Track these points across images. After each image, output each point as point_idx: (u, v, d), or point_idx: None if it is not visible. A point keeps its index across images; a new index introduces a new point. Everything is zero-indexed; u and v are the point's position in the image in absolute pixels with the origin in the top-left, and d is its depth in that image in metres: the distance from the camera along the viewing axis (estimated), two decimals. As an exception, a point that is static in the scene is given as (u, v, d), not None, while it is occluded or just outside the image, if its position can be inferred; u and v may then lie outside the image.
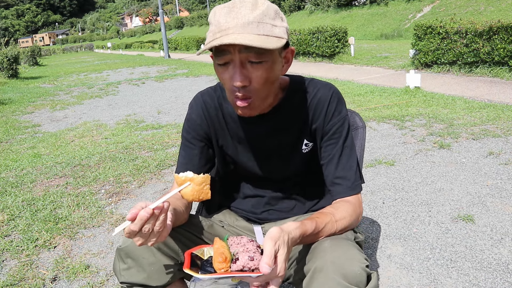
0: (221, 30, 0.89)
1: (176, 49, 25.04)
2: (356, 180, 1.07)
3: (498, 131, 3.71)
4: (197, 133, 1.14)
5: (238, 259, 0.83)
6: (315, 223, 0.94)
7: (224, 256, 0.83)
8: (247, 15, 0.88)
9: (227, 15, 0.89)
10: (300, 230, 0.89)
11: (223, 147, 1.17)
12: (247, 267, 0.82)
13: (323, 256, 0.89)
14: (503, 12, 13.92)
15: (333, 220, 0.98)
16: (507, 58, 6.32)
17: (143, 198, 2.82)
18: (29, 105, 7.60)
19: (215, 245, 0.86)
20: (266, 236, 0.82)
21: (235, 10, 0.89)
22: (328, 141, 1.08)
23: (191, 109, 1.16)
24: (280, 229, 0.84)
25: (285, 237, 0.83)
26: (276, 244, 0.81)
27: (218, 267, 0.82)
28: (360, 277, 0.85)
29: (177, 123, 5.22)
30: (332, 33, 10.48)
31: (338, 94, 1.09)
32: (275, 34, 0.91)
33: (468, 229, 2.11)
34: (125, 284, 1.02)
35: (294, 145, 1.12)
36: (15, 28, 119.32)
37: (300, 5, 28.92)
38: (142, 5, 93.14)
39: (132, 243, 0.99)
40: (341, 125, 1.07)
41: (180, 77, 10.56)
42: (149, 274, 0.99)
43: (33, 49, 22.39)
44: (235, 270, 0.82)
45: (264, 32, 0.89)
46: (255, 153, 1.15)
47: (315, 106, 1.07)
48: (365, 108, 5.13)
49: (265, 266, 0.78)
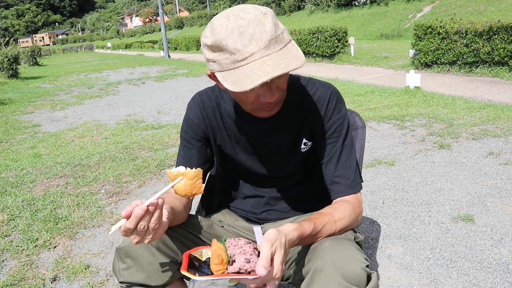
0: (245, 57, 0.84)
1: (176, 49, 25.04)
2: (355, 179, 1.07)
3: (498, 131, 3.71)
4: (195, 133, 1.14)
5: (235, 261, 0.83)
6: (313, 224, 0.93)
7: (220, 258, 0.83)
8: (262, 33, 0.84)
9: (241, 39, 0.84)
10: (298, 231, 0.89)
11: (221, 146, 1.17)
12: (243, 269, 0.82)
13: (323, 256, 0.89)
14: (503, 12, 13.92)
15: (332, 221, 0.98)
16: (507, 58, 6.32)
17: (143, 198, 2.82)
18: (29, 105, 7.60)
19: (212, 247, 0.87)
20: (263, 238, 0.83)
21: (246, 31, 0.84)
22: (328, 140, 1.08)
23: (189, 110, 1.17)
24: (278, 231, 0.84)
25: (282, 239, 0.83)
26: (272, 246, 0.81)
27: (215, 269, 0.83)
28: (360, 277, 0.85)
29: (177, 123, 5.22)
30: (332, 33, 10.48)
31: (337, 93, 1.09)
32: (287, 39, 0.89)
33: (468, 229, 2.11)
34: (125, 284, 1.02)
35: (293, 144, 1.13)
36: (15, 28, 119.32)
37: (300, 5, 28.93)
38: (142, 5, 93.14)
39: (131, 242, 0.99)
40: (340, 123, 1.07)
41: (180, 77, 10.56)
42: (149, 274, 0.99)
43: (33, 49, 22.39)
44: (231, 272, 0.83)
45: (282, 43, 0.87)
46: (253, 152, 1.15)
47: (314, 105, 1.08)
48: (365, 108, 5.13)
49: (261, 268, 0.78)
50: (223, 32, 0.85)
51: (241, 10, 0.87)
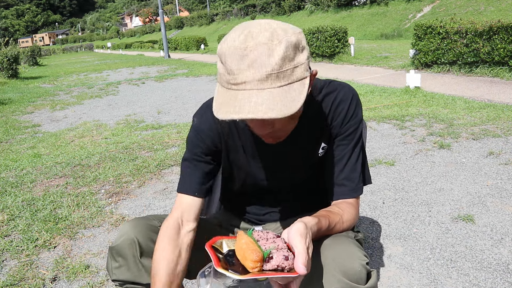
0: (237, 83, 0.78)
1: (176, 49, 25.03)
2: (359, 182, 1.07)
3: (498, 131, 3.71)
4: (206, 146, 1.07)
5: (272, 258, 0.77)
6: (328, 221, 0.94)
7: (259, 254, 0.75)
8: (264, 63, 0.77)
9: (240, 62, 0.78)
10: (317, 226, 0.88)
11: (234, 161, 1.12)
12: (281, 267, 0.76)
13: (323, 253, 0.89)
14: (503, 12, 13.92)
15: (341, 221, 0.99)
16: (507, 58, 6.32)
17: (143, 198, 2.82)
18: (29, 105, 7.60)
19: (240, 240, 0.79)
20: (294, 233, 0.79)
21: (249, 55, 0.77)
22: (340, 142, 1.07)
23: (201, 120, 1.07)
24: (305, 224, 0.82)
25: (309, 233, 0.82)
26: (306, 241, 0.79)
27: (250, 266, 0.75)
28: (360, 273, 0.85)
29: (177, 123, 5.22)
30: (332, 33, 10.47)
31: (357, 96, 1.07)
32: (297, 78, 0.80)
33: (468, 229, 2.11)
34: (117, 282, 1.04)
35: (311, 152, 1.09)
36: (15, 28, 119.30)
37: (300, 5, 28.91)
38: (142, 5, 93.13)
39: (122, 241, 1.01)
40: (356, 128, 1.06)
41: (180, 77, 10.55)
42: (140, 273, 1.01)
43: (33, 49, 22.40)
44: (268, 269, 0.76)
45: (286, 81, 0.79)
46: (269, 166, 1.12)
47: (335, 109, 1.05)
48: (365, 108, 5.13)
49: (301, 266, 0.75)
50: (229, 47, 0.80)
51: (259, 29, 0.80)
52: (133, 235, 1.02)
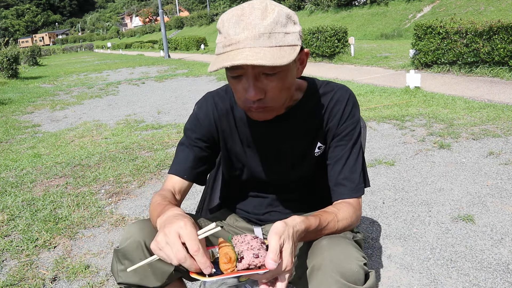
0: (232, 43, 0.85)
1: (176, 49, 25.04)
2: (359, 183, 1.07)
3: (498, 131, 3.71)
4: (202, 133, 1.11)
5: (243, 258, 0.82)
6: (318, 220, 0.94)
7: (228, 257, 0.82)
8: (258, 25, 0.85)
9: (236, 26, 0.86)
10: (305, 224, 0.88)
11: (231, 151, 1.15)
12: (253, 265, 0.81)
13: (321, 254, 0.89)
14: (503, 12, 13.92)
15: (336, 220, 0.98)
16: (507, 58, 6.32)
17: (143, 198, 2.82)
18: (29, 105, 7.60)
19: (219, 246, 0.86)
20: (270, 231, 0.82)
21: (244, 20, 0.85)
22: (338, 143, 1.08)
23: (200, 108, 1.13)
24: (285, 223, 0.83)
25: (289, 231, 0.83)
26: (280, 238, 0.81)
27: (224, 268, 0.82)
28: (358, 274, 0.85)
29: (177, 123, 5.22)
30: (332, 33, 10.47)
31: (354, 98, 1.09)
32: (288, 42, 0.87)
33: (468, 229, 2.11)
34: (123, 285, 1.02)
35: (307, 149, 1.11)
36: (15, 28, 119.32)
37: (300, 5, 28.91)
38: (142, 5, 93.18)
39: (129, 244, 0.99)
40: (353, 128, 1.07)
41: (180, 77, 10.56)
42: (146, 275, 0.99)
43: (33, 49, 22.39)
44: (241, 269, 0.82)
45: (277, 42, 0.86)
46: (265, 157, 1.13)
47: (332, 109, 1.07)
48: (365, 108, 5.13)
49: (270, 262, 0.78)
50: (227, 15, 0.88)
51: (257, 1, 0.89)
52: (139, 237, 1.00)
